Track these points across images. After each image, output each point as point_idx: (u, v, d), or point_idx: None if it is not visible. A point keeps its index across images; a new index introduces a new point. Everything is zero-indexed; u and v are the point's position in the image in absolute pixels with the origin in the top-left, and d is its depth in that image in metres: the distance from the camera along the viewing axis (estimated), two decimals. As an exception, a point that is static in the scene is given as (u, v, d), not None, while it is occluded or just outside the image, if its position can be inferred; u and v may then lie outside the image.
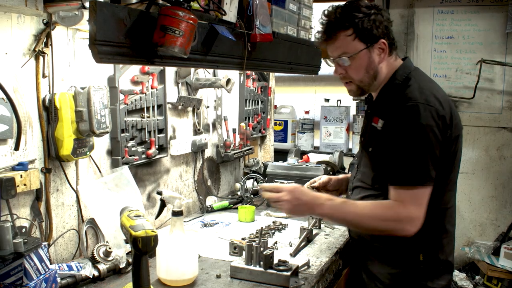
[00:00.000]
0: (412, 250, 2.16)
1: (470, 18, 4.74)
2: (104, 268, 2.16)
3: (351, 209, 2.10)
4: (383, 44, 2.13)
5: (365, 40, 2.11)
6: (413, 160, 2.01)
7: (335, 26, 2.12)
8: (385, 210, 2.05)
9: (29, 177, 2.01)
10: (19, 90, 2.01)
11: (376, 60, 2.15)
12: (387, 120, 2.11)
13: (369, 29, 2.10)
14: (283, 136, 5.44)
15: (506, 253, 4.39)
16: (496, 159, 4.77)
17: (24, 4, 1.86)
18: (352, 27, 2.10)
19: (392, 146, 2.05)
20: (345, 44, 2.12)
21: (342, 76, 2.21)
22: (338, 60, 2.16)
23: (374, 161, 2.21)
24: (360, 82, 2.19)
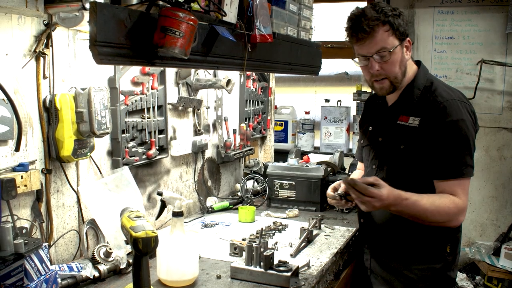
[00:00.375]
0: (441, 243, 2.31)
1: (471, 19, 4.74)
2: (105, 268, 2.17)
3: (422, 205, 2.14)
4: (408, 43, 2.25)
5: (399, 36, 2.20)
6: (460, 153, 2.18)
7: (374, 21, 2.15)
8: (449, 203, 2.16)
9: (29, 178, 2.01)
10: (20, 91, 2.01)
11: (406, 58, 2.26)
12: (425, 118, 2.21)
13: (402, 25, 2.20)
14: (284, 136, 5.44)
15: (506, 254, 4.39)
16: (497, 159, 4.77)
17: (24, 5, 1.86)
18: (388, 23, 2.17)
19: (439, 142, 2.18)
20: (384, 39, 2.17)
21: (378, 72, 2.23)
22: (375, 56, 2.20)
23: (407, 158, 2.28)
24: (395, 78, 2.25)
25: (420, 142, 2.22)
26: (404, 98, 2.32)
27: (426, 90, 2.28)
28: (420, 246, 2.32)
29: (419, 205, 2.13)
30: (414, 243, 2.32)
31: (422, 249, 2.32)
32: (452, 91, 2.28)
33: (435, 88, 2.27)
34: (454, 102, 2.20)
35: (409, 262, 2.35)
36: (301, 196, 3.33)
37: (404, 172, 2.29)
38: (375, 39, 2.17)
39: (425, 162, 2.22)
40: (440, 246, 2.32)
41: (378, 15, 2.15)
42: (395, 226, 2.34)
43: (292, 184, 3.35)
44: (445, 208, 2.15)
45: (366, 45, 2.20)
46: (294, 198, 3.35)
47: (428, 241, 2.31)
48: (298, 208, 3.27)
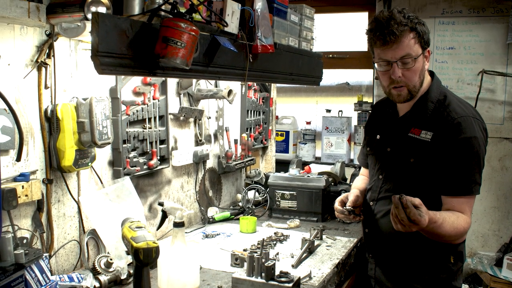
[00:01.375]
0: (445, 254, 2.31)
1: (471, 29, 4.75)
2: (105, 279, 2.16)
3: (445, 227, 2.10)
4: (428, 52, 2.25)
5: (423, 44, 2.19)
6: (471, 171, 2.19)
7: (404, 27, 2.14)
8: (463, 223, 2.16)
9: (30, 188, 2.01)
10: (21, 101, 2.02)
11: (425, 67, 2.26)
12: (438, 133, 2.21)
13: (426, 33, 2.20)
14: (285, 146, 5.44)
15: (508, 264, 4.37)
16: (498, 169, 4.76)
17: (27, 16, 1.87)
18: (415, 30, 2.16)
19: (451, 158, 2.17)
20: (410, 46, 2.16)
21: (400, 79, 2.21)
22: (400, 62, 2.17)
23: (416, 172, 2.27)
24: (414, 86, 2.24)
25: (431, 157, 2.21)
26: (416, 110, 2.30)
27: (440, 104, 2.26)
28: (425, 256, 2.31)
29: (443, 227, 2.10)
30: (419, 253, 2.32)
31: (427, 259, 2.32)
32: (466, 107, 2.27)
33: (449, 102, 2.26)
34: (468, 119, 2.19)
35: (414, 271, 2.34)
36: (303, 206, 3.32)
37: (412, 185, 2.27)
38: (402, 45, 2.14)
39: (435, 177, 2.21)
40: (444, 256, 2.31)
41: (407, 21, 2.14)
42: (400, 237, 2.32)
43: (294, 195, 3.34)
44: (461, 229, 2.16)
45: (392, 49, 2.16)
46: (296, 208, 3.34)
47: (432, 252, 2.30)
48: (300, 218, 3.26)
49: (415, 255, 2.33)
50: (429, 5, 4.87)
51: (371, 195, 2.48)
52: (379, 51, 2.20)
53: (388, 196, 2.32)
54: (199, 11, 2.00)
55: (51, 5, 1.96)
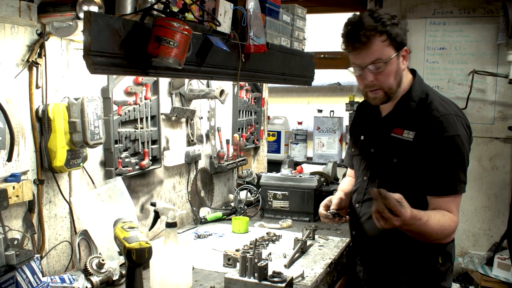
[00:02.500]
0: (433, 254, 2.28)
1: (462, 30, 4.77)
2: (97, 280, 2.15)
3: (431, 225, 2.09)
4: (405, 52, 2.19)
5: (396, 46, 2.14)
6: (455, 170, 2.15)
7: (370, 31, 2.09)
8: (449, 221, 2.14)
9: (21, 189, 2.00)
10: (12, 100, 2.00)
11: (402, 67, 2.20)
12: (420, 132, 2.18)
13: (399, 35, 2.14)
14: (277, 146, 5.43)
15: (499, 263, 4.39)
16: (489, 169, 4.79)
17: (18, 15, 1.85)
18: (386, 33, 2.11)
19: (434, 157, 2.15)
20: (380, 49, 2.11)
21: (372, 83, 2.18)
22: (371, 66, 2.14)
23: (400, 172, 2.24)
24: (389, 89, 2.19)
25: (415, 156, 2.19)
26: (398, 110, 2.28)
27: (422, 103, 2.23)
28: (412, 258, 2.29)
29: (428, 225, 2.09)
30: (406, 254, 2.29)
31: (414, 260, 2.29)
32: (448, 105, 2.23)
33: (431, 100, 2.22)
34: (450, 117, 2.15)
35: (402, 273, 2.32)
36: (295, 206, 3.32)
37: (397, 185, 2.20)
38: (370, 50, 2.10)
39: (419, 177, 2.19)
40: (432, 257, 2.29)
41: (376, 25, 2.09)
42: (387, 238, 2.31)
43: (286, 195, 3.34)
44: (448, 227, 2.13)
45: (361, 55, 2.13)
46: (288, 208, 3.34)
47: (420, 253, 2.27)
48: (292, 218, 3.26)
49: (403, 256, 2.30)
50: (420, 5, 4.89)
51: (357, 197, 2.46)
52: (351, 56, 2.19)
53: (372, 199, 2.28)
54: (192, 11, 2.00)
55: (42, 4, 1.95)
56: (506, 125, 4.69)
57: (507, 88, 4.66)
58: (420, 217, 2.03)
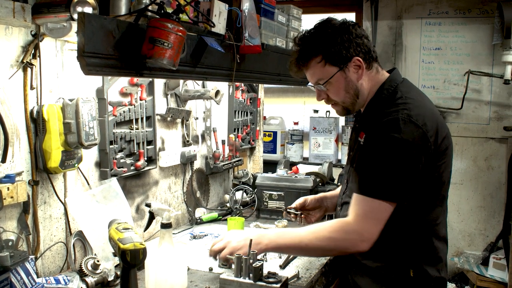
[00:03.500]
0: (402, 266, 2.11)
1: (458, 30, 4.78)
2: (92, 281, 2.14)
3: (296, 232, 2.08)
4: (357, 61, 2.09)
5: (336, 63, 2.08)
6: (383, 172, 1.96)
7: (305, 55, 2.11)
8: (330, 228, 2.04)
9: (16, 190, 1.99)
10: (6, 101, 2.00)
11: (354, 78, 2.11)
12: (367, 135, 2.09)
13: (337, 51, 2.06)
14: (272, 147, 5.43)
15: (495, 263, 4.40)
16: (484, 169, 4.80)
17: (12, 16, 1.85)
18: (321, 54, 2.08)
19: (365, 157, 2.04)
20: (318, 71, 2.11)
21: (325, 100, 2.20)
22: (317, 86, 2.16)
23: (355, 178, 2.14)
24: (343, 102, 2.17)
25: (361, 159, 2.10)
26: (366, 112, 2.21)
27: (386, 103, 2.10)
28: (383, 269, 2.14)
29: (292, 231, 2.08)
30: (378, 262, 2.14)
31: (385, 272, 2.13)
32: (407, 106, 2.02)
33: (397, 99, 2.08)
34: (397, 119, 1.96)
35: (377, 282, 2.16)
36: (290, 207, 3.32)
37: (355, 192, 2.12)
38: (309, 72, 2.14)
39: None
40: (402, 269, 2.11)
41: (309, 48, 2.10)
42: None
43: (281, 195, 3.34)
44: (325, 233, 2.01)
45: (306, 74, 2.18)
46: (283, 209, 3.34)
47: (389, 264, 2.12)
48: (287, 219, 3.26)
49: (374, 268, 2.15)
50: (415, 6, 4.90)
51: (338, 200, 2.41)
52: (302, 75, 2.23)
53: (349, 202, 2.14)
54: (186, 12, 2.00)
55: (36, 5, 1.95)
56: (501, 125, 4.70)
57: (502, 88, 4.67)
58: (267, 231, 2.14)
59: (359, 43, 2.09)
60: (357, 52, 2.09)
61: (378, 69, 2.20)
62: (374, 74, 2.18)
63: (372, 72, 2.16)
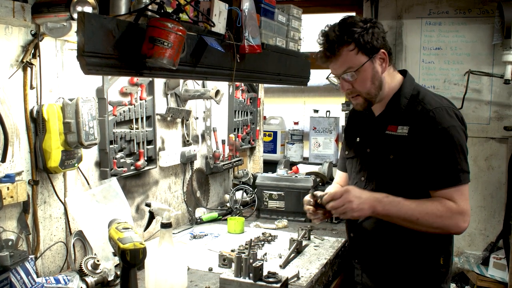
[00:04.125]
0: (434, 255, 2.28)
1: (458, 30, 4.78)
2: (92, 281, 2.14)
3: (408, 204, 2.12)
4: (383, 54, 2.20)
5: (367, 52, 2.16)
6: (454, 160, 2.15)
7: (337, 43, 2.15)
8: (439, 206, 2.12)
9: (16, 189, 1.99)
10: (6, 101, 2.00)
11: (379, 71, 2.21)
12: (414, 126, 2.19)
13: (369, 41, 2.15)
14: (273, 147, 5.43)
15: (495, 263, 4.40)
16: (485, 169, 4.79)
17: (11, 15, 1.85)
18: (354, 42, 2.14)
19: (431, 150, 2.15)
20: (349, 59, 2.16)
21: (349, 91, 2.24)
22: (344, 76, 2.20)
23: (397, 168, 2.23)
24: (367, 94, 2.23)
25: (411, 151, 2.19)
26: (391, 107, 2.29)
27: (413, 99, 2.25)
28: (414, 259, 2.28)
29: (405, 204, 2.11)
30: (407, 256, 2.28)
31: (416, 262, 2.28)
32: (440, 99, 2.26)
33: (423, 96, 2.25)
34: (443, 109, 2.18)
35: (402, 276, 2.30)
36: (290, 206, 3.32)
37: (395, 182, 2.25)
38: (339, 60, 2.17)
39: (417, 171, 2.19)
40: (434, 258, 2.28)
41: (342, 35, 2.14)
42: (386, 239, 2.31)
43: (281, 195, 3.34)
44: (435, 210, 2.11)
45: (333, 64, 2.21)
46: (283, 208, 3.34)
47: (422, 254, 2.27)
48: (287, 218, 3.26)
49: (403, 258, 2.29)
50: (415, 5, 4.89)
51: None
52: (327, 66, 2.26)
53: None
54: (186, 11, 2.00)
55: (36, 4, 1.94)
56: (501, 125, 4.70)
57: (502, 88, 4.67)
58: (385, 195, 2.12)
59: (384, 37, 2.22)
60: (382, 45, 2.20)
61: (394, 68, 2.34)
62: (392, 71, 2.31)
63: (390, 69, 2.29)
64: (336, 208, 2.14)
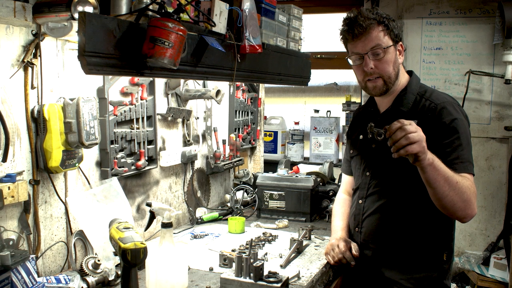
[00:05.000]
0: (438, 251, 2.31)
1: (458, 30, 4.78)
2: (93, 280, 2.14)
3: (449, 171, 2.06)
4: (401, 47, 2.31)
5: (393, 37, 2.26)
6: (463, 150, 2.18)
7: (370, 20, 2.22)
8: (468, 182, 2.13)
9: (17, 189, 1.99)
10: (7, 101, 2.00)
11: (399, 60, 2.31)
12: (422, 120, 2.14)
13: (395, 28, 2.28)
14: (273, 147, 5.44)
15: (495, 263, 4.41)
16: (485, 169, 4.80)
17: (13, 15, 1.85)
18: (383, 24, 2.24)
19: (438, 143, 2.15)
20: (379, 37, 2.24)
21: (372, 70, 2.26)
22: (372, 52, 2.24)
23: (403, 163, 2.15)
24: (388, 77, 2.28)
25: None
26: (397, 104, 2.34)
27: (420, 96, 2.32)
28: (417, 255, 2.31)
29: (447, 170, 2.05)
30: (411, 251, 2.31)
31: (419, 257, 2.31)
32: (446, 95, 2.34)
33: (430, 94, 2.32)
34: (450, 104, 2.25)
35: (406, 271, 2.33)
36: (291, 206, 3.32)
37: (401, 177, 2.28)
38: (370, 36, 2.22)
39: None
40: (437, 254, 2.32)
41: (374, 16, 2.24)
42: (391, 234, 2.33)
43: (282, 195, 3.34)
44: (466, 183, 2.10)
45: (361, 41, 2.24)
46: (284, 208, 3.34)
47: (425, 250, 2.30)
48: (288, 218, 3.26)
49: (407, 253, 2.32)
50: (416, 5, 4.90)
51: (360, 193, 2.48)
52: (351, 45, 2.30)
53: (377, 192, 2.37)
54: (187, 11, 2.00)
55: (37, 4, 1.95)
56: (502, 125, 4.70)
57: (503, 88, 4.67)
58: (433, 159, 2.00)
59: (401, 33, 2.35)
60: (400, 39, 2.33)
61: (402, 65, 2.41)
62: (403, 68, 2.40)
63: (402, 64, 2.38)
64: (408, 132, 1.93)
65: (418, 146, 1.93)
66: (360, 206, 2.46)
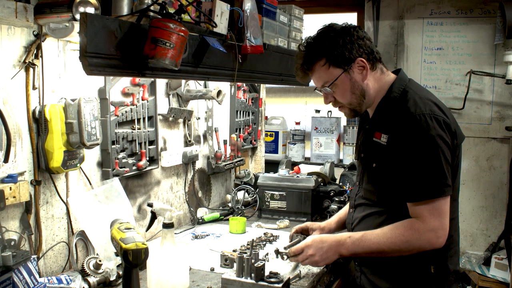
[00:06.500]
0: (423, 263, 2.16)
1: (459, 30, 4.78)
2: (94, 281, 2.15)
3: (372, 239, 2.11)
4: (361, 62, 2.13)
5: (340, 64, 2.13)
6: (428, 173, 2.03)
7: (309, 60, 2.17)
8: (404, 230, 2.06)
9: (18, 190, 2.00)
10: (9, 101, 2.00)
11: (359, 79, 2.15)
12: (392, 135, 2.10)
13: (340, 53, 2.11)
14: (274, 147, 5.44)
15: (496, 263, 4.40)
16: (486, 169, 4.79)
17: (14, 16, 1.86)
18: (324, 57, 2.13)
19: (403, 161, 2.06)
20: (323, 74, 2.16)
21: (332, 103, 2.25)
22: (323, 90, 2.21)
23: (378, 177, 2.20)
24: (350, 104, 2.21)
25: (389, 160, 2.12)
26: (378, 113, 2.24)
27: (399, 102, 2.15)
28: (404, 266, 2.19)
29: (368, 239, 2.10)
30: (398, 263, 2.19)
31: (406, 269, 2.19)
32: (424, 104, 2.09)
33: (408, 99, 2.13)
34: (422, 117, 2.03)
35: (395, 281, 2.24)
36: (292, 207, 3.32)
37: (379, 191, 2.21)
38: (317, 75, 2.19)
39: (396, 182, 2.11)
40: (423, 266, 2.18)
41: (313, 52, 2.15)
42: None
43: (283, 195, 3.34)
44: (400, 236, 2.06)
45: (313, 77, 2.23)
46: (285, 209, 3.34)
47: (411, 262, 2.17)
48: (289, 219, 3.26)
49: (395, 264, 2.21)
50: (417, 6, 4.90)
51: (350, 202, 2.44)
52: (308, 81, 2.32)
53: (363, 203, 2.30)
54: (188, 12, 2.00)
55: (38, 5, 1.95)
56: (503, 125, 4.70)
57: (504, 88, 4.67)
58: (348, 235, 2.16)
59: (361, 44, 2.14)
60: (359, 53, 2.13)
61: (383, 70, 2.24)
62: (379, 74, 2.22)
63: (377, 73, 2.21)
64: (302, 262, 2.26)
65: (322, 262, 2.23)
66: (350, 215, 2.42)
